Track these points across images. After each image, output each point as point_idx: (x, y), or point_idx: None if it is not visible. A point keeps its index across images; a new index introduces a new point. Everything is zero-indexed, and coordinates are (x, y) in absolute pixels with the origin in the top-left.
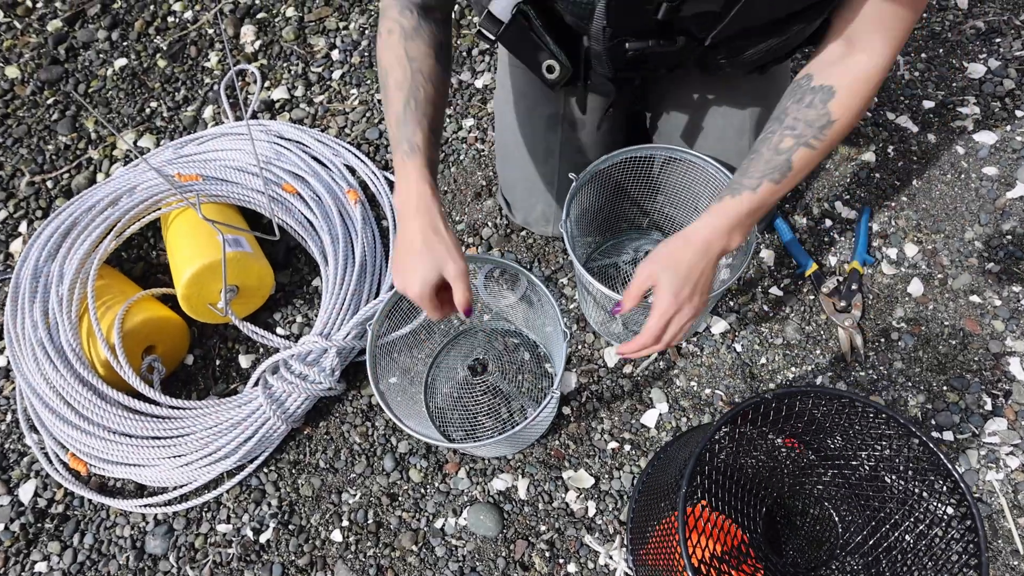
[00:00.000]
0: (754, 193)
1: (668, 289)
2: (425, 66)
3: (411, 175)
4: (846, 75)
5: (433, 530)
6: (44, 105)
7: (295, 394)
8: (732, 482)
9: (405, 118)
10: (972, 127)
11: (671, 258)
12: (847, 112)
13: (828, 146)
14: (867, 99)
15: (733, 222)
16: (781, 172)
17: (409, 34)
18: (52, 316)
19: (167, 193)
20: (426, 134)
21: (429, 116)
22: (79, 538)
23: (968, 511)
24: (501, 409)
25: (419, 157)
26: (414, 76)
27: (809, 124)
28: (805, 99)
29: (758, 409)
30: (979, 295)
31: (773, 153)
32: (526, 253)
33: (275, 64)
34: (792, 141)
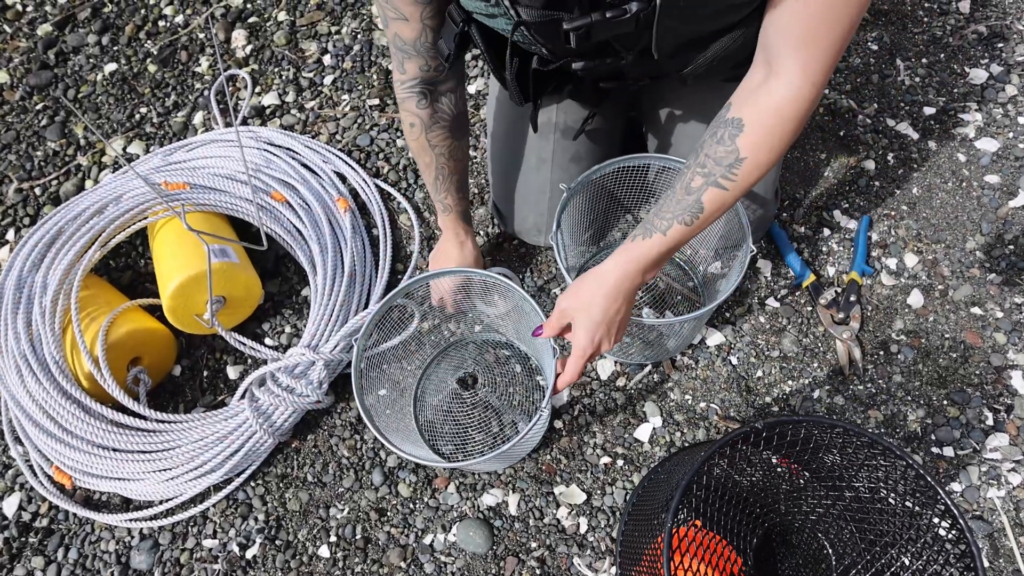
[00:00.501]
0: (664, 236)
1: (583, 330)
2: (444, 148)
3: (448, 225)
4: (755, 107)
5: (422, 546)
6: (33, 110)
7: (282, 407)
8: (725, 502)
9: (437, 187)
10: (974, 134)
11: (584, 300)
12: (757, 149)
13: (742, 185)
14: (784, 134)
15: (643, 265)
16: (691, 214)
17: (428, 125)
18: (35, 328)
19: (154, 202)
20: (454, 195)
21: (455, 182)
22: (63, 553)
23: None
24: (492, 423)
25: (452, 213)
26: (437, 159)
27: (717, 162)
28: (717, 133)
29: (748, 439)
30: (980, 307)
31: (684, 193)
32: (518, 263)
33: (266, 69)
34: (701, 180)
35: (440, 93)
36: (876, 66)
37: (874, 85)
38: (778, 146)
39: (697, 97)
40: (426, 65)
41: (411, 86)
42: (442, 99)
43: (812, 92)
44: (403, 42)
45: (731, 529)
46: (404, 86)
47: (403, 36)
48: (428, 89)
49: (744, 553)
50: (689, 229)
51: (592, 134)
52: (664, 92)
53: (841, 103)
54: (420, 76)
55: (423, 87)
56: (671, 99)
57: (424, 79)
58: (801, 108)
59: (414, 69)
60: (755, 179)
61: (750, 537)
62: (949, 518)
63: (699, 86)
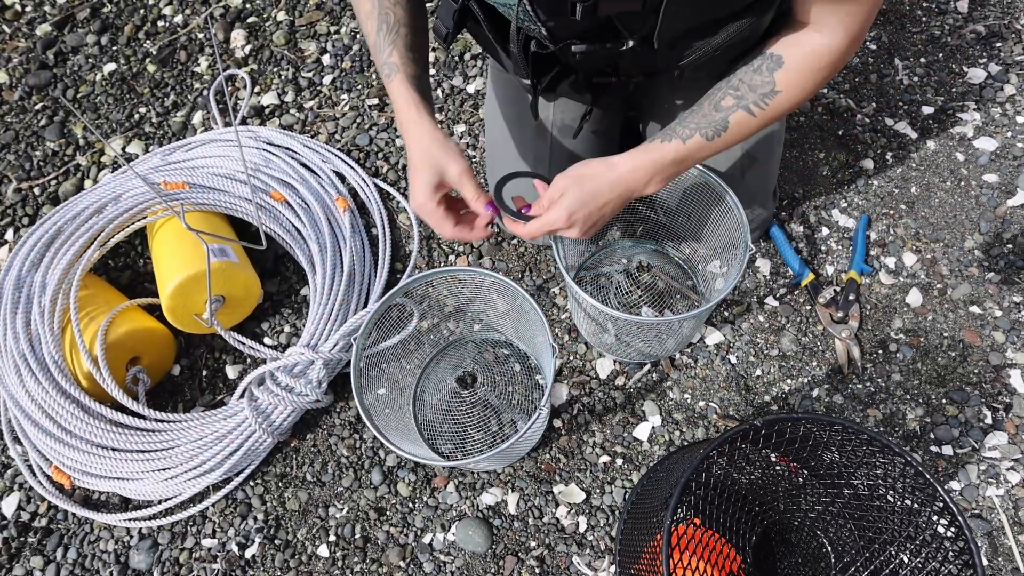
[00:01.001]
0: (683, 143)
1: (565, 206)
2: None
3: (395, 95)
4: (797, 48)
5: (421, 545)
6: (32, 110)
7: (281, 407)
8: (724, 500)
9: (379, 44)
10: (972, 133)
11: (583, 177)
12: (793, 86)
13: (770, 116)
14: (817, 77)
15: (656, 165)
16: (715, 129)
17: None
18: (34, 328)
19: (153, 201)
20: (401, 52)
21: (404, 36)
22: (62, 552)
23: (966, 545)
24: (491, 422)
25: (398, 74)
26: (380, 3)
27: (752, 88)
28: (754, 64)
29: (747, 437)
30: (979, 305)
31: (712, 109)
32: (517, 262)
33: (265, 69)
34: (732, 101)
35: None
36: (874, 65)
37: (872, 84)
38: (809, 87)
39: (695, 95)
40: None
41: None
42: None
43: (849, 46)
44: None
45: (731, 527)
46: None
47: None
48: None
49: (743, 551)
50: (708, 144)
51: (590, 134)
52: (660, 91)
53: (839, 102)
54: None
55: None
56: (668, 98)
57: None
58: (836, 58)
59: None
60: (781, 113)
61: (749, 535)
62: (947, 515)
63: (696, 83)
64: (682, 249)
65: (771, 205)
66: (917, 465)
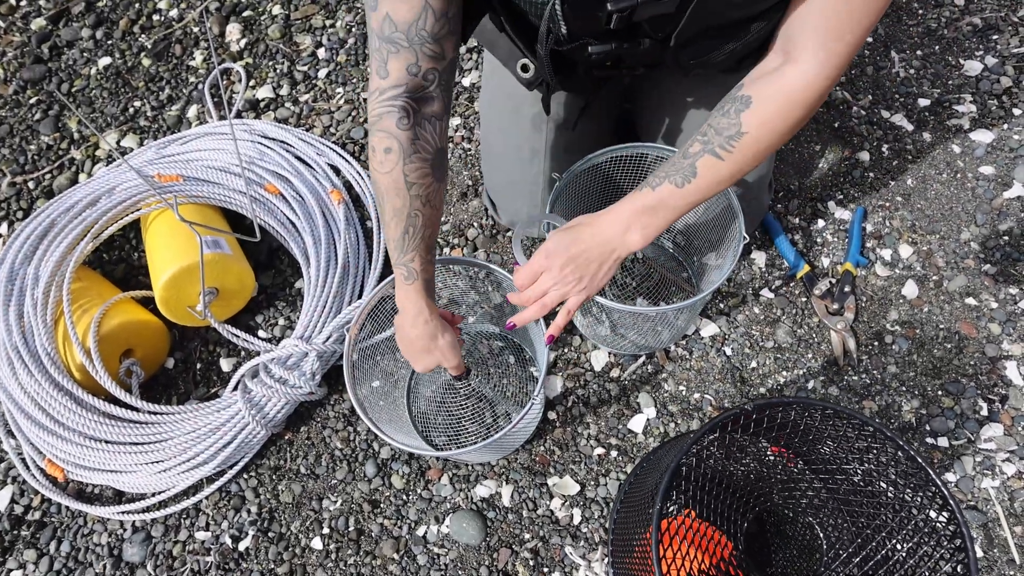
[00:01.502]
0: (652, 191)
1: (544, 247)
2: (422, 189)
3: (411, 295)
4: (766, 87)
5: (415, 538)
6: (27, 104)
7: (275, 399)
8: (722, 489)
9: (404, 246)
10: (968, 125)
11: (568, 226)
12: (760, 126)
13: (739, 160)
14: (788, 117)
15: (630, 213)
16: (683, 176)
17: (407, 152)
18: (27, 320)
19: (147, 194)
20: (422, 257)
21: (426, 239)
22: (56, 545)
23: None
24: (485, 414)
25: (417, 281)
26: (411, 203)
27: (718, 132)
28: (724, 107)
29: (738, 421)
30: (975, 297)
31: (681, 156)
32: (511, 255)
33: (260, 63)
34: (699, 147)
35: (424, 116)
36: (871, 58)
37: (869, 77)
38: (781, 128)
39: (693, 88)
40: (416, 64)
41: (393, 96)
42: (425, 124)
43: (825, 83)
44: (394, 27)
45: (724, 515)
46: (383, 96)
47: (396, 18)
48: (412, 105)
49: (735, 537)
50: (679, 191)
51: (586, 126)
52: (659, 83)
53: (835, 95)
54: (406, 83)
55: (407, 100)
56: (666, 90)
57: (410, 88)
58: (811, 96)
59: (399, 70)
60: (753, 156)
61: (740, 521)
62: (939, 500)
63: (696, 77)
64: (677, 241)
65: (767, 197)
66: (908, 450)
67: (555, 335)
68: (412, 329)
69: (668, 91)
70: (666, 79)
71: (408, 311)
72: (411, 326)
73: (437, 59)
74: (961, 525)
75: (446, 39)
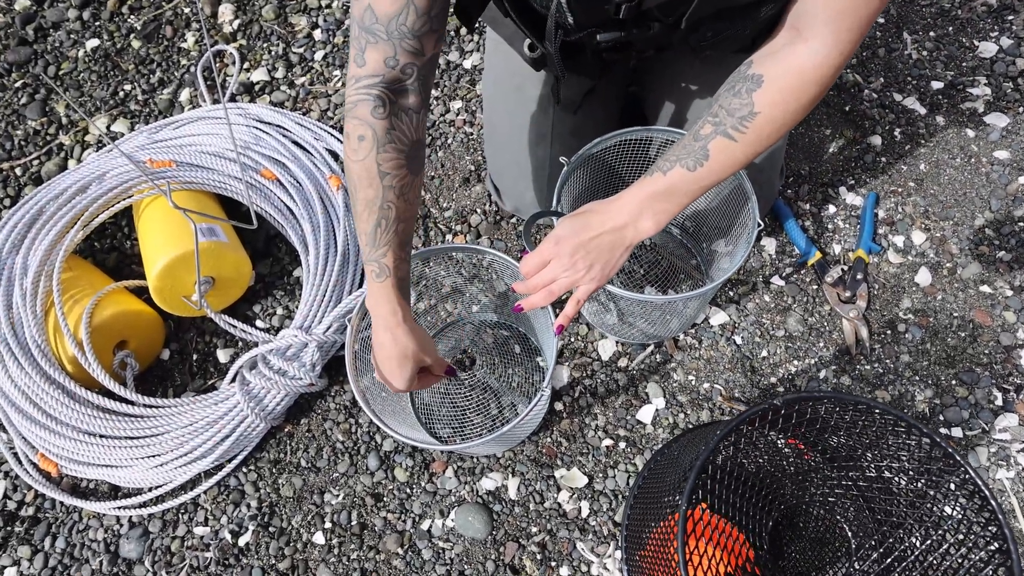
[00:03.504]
0: (663, 175)
1: (554, 233)
2: (396, 180)
3: (381, 296)
4: (777, 65)
5: (419, 532)
6: (12, 88)
7: (274, 391)
8: (739, 482)
9: (376, 240)
10: (983, 109)
11: (578, 212)
12: (774, 106)
13: (753, 141)
14: (801, 96)
15: (641, 199)
16: (695, 159)
17: (381, 142)
18: (16, 311)
19: (139, 180)
20: (396, 253)
21: (400, 234)
22: (50, 542)
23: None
24: (491, 405)
25: (389, 279)
26: (384, 194)
27: (730, 112)
28: (735, 87)
29: (766, 417)
30: (990, 285)
31: (692, 139)
32: (516, 241)
33: (255, 45)
34: (711, 128)
35: (400, 108)
36: (882, 40)
37: (880, 59)
38: (794, 107)
39: (702, 71)
40: (393, 58)
41: (369, 85)
42: (402, 115)
43: (838, 60)
44: (375, 19)
45: (745, 511)
46: (359, 84)
47: (378, 10)
48: (388, 95)
49: (759, 536)
50: (691, 175)
51: (592, 109)
52: (667, 65)
53: (847, 77)
54: (383, 74)
55: (383, 90)
56: (674, 72)
57: (387, 79)
58: (825, 74)
59: (377, 61)
60: (767, 136)
61: (765, 520)
62: (979, 498)
63: (705, 59)
64: (685, 227)
65: (778, 182)
66: (945, 445)
67: (564, 325)
68: (384, 333)
69: (677, 73)
70: (675, 61)
71: (380, 312)
72: (384, 329)
73: (416, 55)
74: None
75: (426, 36)
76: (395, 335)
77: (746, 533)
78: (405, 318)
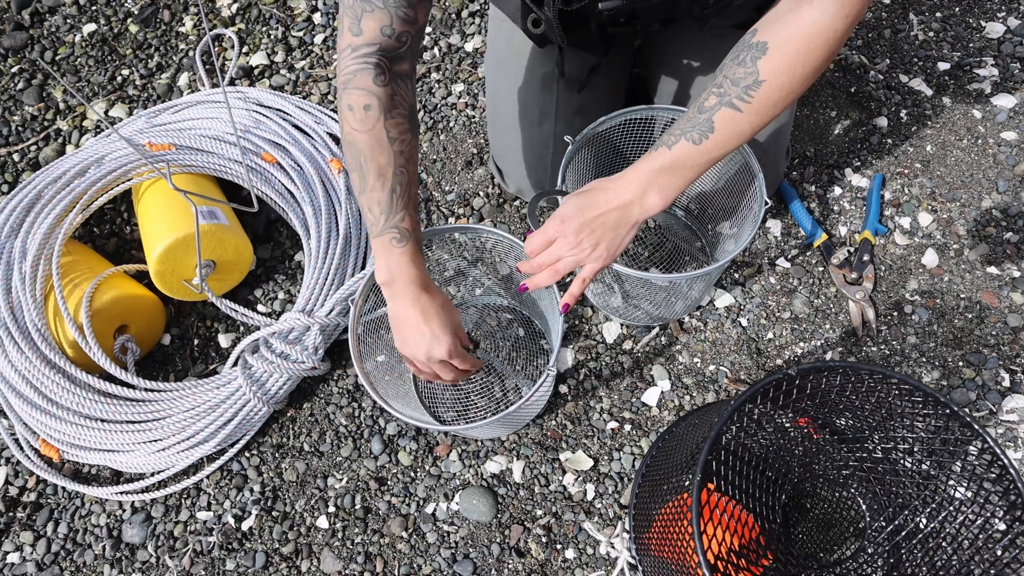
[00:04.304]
0: (668, 150)
1: (559, 212)
2: (404, 145)
3: (404, 262)
4: (782, 31)
5: (424, 515)
6: (8, 73)
7: (276, 374)
8: (745, 464)
9: (393, 206)
10: (990, 90)
11: (583, 190)
12: (779, 73)
13: (759, 110)
14: (808, 62)
15: (646, 174)
16: (700, 132)
17: (388, 109)
18: (15, 295)
19: (138, 163)
20: (413, 217)
21: (413, 197)
22: (53, 527)
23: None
24: (494, 388)
25: (410, 243)
26: (396, 159)
27: (734, 82)
28: (739, 56)
29: (780, 387)
30: (997, 266)
31: (696, 111)
32: (520, 224)
33: (253, 28)
34: (715, 100)
35: (397, 75)
36: (888, 20)
37: (886, 40)
38: (801, 74)
39: (705, 48)
40: (390, 27)
41: (367, 54)
42: (399, 81)
43: (844, 23)
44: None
45: (751, 493)
46: (356, 53)
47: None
48: (385, 63)
49: (772, 510)
50: (697, 149)
51: (597, 88)
52: (671, 42)
53: (852, 59)
54: (380, 42)
55: (380, 58)
56: (678, 49)
57: (383, 47)
58: (831, 38)
59: (374, 30)
60: (773, 106)
61: (779, 494)
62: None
63: (710, 34)
64: (690, 209)
65: (783, 162)
66: (963, 415)
67: (570, 304)
68: (412, 302)
69: (681, 51)
70: (678, 38)
71: (404, 280)
72: (411, 297)
73: (410, 23)
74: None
75: (420, 5)
76: (428, 298)
77: (755, 514)
78: (430, 283)
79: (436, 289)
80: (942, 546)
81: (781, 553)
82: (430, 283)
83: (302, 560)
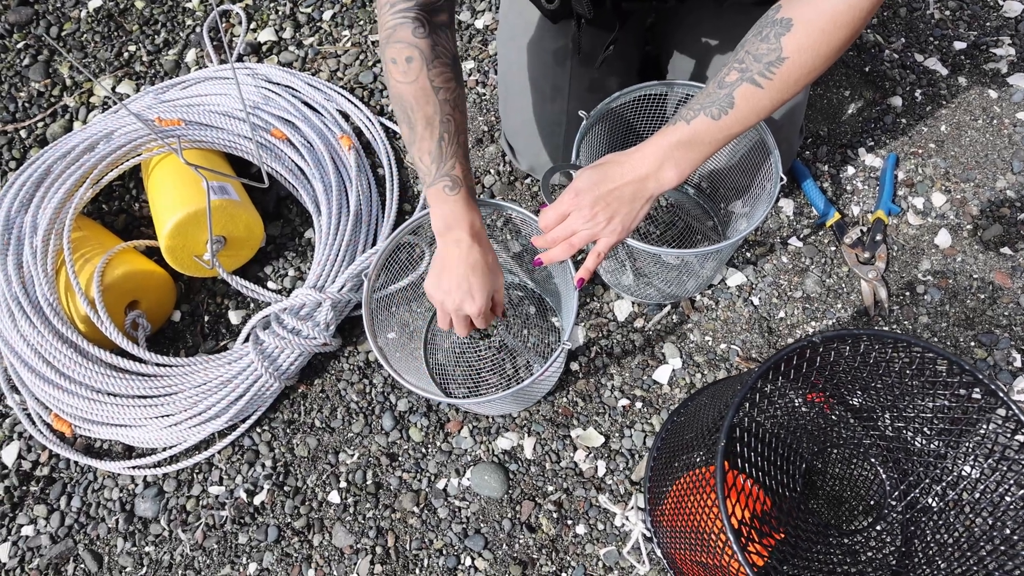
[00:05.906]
0: (687, 124)
1: (573, 185)
2: (450, 94)
3: (459, 209)
4: (807, 7)
5: (435, 491)
6: (14, 49)
7: (288, 350)
8: (759, 440)
9: (443, 155)
10: (1006, 69)
11: (598, 163)
12: (803, 50)
13: (780, 87)
14: (832, 39)
15: (663, 149)
16: (720, 107)
17: (429, 59)
18: (27, 269)
19: (147, 138)
20: (464, 164)
21: (463, 145)
22: (66, 501)
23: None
24: (506, 365)
25: (462, 190)
26: (442, 107)
27: (757, 58)
28: (763, 32)
29: (803, 355)
30: (1010, 247)
31: (716, 86)
32: (531, 201)
33: (261, 4)
34: (736, 75)
35: (436, 26)
36: None
37: (902, 19)
38: (825, 51)
39: (721, 24)
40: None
41: (405, 9)
42: (440, 32)
43: (872, 2)
44: None
45: (766, 468)
46: (394, 9)
47: None
48: (424, 16)
49: (792, 479)
50: (716, 124)
51: (610, 64)
52: (688, 16)
53: (867, 37)
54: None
55: (419, 12)
56: (693, 26)
57: (420, 1)
58: (857, 16)
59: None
60: (794, 83)
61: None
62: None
63: (727, 11)
64: (702, 187)
65: (797, 141)
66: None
67: (585, 278)
68: (472, 249)
69: (696, 27)
70: (694, 13)
71: (461, 226)
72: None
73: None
74: None
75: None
76: (480, 252)
77: (768, 489)
78: (482, 229)
79: (489, 245)
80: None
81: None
82: (484, 234)
83: (314, 535)
